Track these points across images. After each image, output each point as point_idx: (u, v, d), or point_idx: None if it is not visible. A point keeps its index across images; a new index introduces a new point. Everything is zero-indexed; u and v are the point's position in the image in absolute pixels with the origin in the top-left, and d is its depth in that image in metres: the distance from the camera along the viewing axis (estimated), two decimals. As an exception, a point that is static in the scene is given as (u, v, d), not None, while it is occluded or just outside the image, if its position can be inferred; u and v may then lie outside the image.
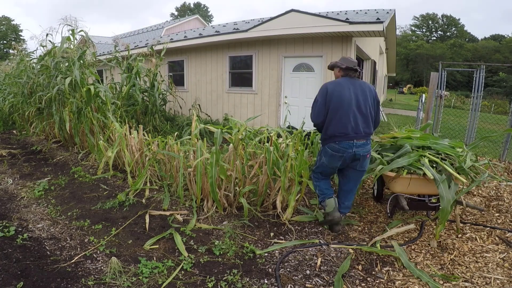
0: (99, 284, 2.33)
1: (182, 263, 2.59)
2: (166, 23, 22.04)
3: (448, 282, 2.40)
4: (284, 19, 7.33)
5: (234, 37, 8.08)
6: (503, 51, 46.41)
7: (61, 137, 6.38)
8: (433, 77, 5.45)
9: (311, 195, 4.11)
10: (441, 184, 2.76)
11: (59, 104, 5.85)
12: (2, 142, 7.16)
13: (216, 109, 9.26)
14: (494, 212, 3.66)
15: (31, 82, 6.57)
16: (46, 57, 6.09)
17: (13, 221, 3.28)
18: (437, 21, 57.48)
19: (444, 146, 3.15)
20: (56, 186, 4.34)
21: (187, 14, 52.49)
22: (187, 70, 9.89)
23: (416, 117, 6.25)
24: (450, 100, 23.58)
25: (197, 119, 4.00)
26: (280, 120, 7.92)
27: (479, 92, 6.03)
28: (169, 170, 4.35)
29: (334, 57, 6.95)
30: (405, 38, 54.69)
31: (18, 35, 47.81)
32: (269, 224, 3.33)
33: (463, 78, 43.96)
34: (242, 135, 3.57)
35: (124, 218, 3.41)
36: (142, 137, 4.62)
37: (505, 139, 5.50)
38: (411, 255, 2.80)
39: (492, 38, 54.04)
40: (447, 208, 2.68)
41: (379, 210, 3.67)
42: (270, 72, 7.95)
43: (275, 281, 2.42)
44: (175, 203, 3.79)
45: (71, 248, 2.81)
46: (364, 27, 6.28)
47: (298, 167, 3.26)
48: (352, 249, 2.88)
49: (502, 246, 2.92)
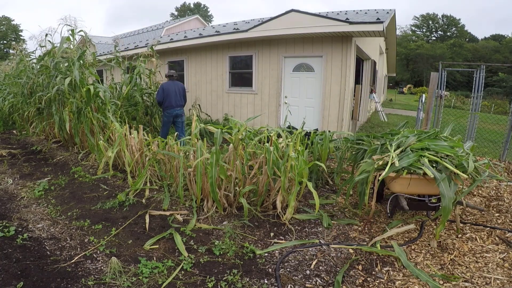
0: (99, 284, 2.33)
1: (182, 263, 2.60)
2: (166, 23, 22.04)
3: (448, 282, 2.40)
4: (284, 19, 7.33)
5: (234, 37, 8.08)
6: (503, 51, 46.40)
7: (61, 137, 6.38)
8: (433, 77, 5.44)
9: (311, 195, 4.11)
10: (442, 183, 2.76)
11: (59, 104, 5.85)
12: (2, 142, 7.16)
13: (216, 109, 9.26)
14: (494, 212, 3.66)
15: (31, 82, 6.57)
16: (46, 57, 6.09)
17: (13, 221, 3.28)
18: (437, 21, 57.45)
19: (443, 147, 3.15)
20: (56, 186, 4.34)
21: (187, 14, 52.51)
22: (187, 70, 9.89)
23: (416, 117, 6.25)
24: (450, 100, 23.59)
25: (197, 119, 4.00)
26: (280, 120, 7.92)
27: (479, 92, 6.03)
28: (169, 170, 4.35)
29: (334, 57, 6.96)
30: (405, 38, 54.66)
31: (18, 35, 47.80)
32: (269, 224, 3.33)
33: (463, 78, 43.94)
34: (242, 135, 3.57)
35: (124, 218, 3.41)
36: (142, 137, 4.63)
37: (505, 139, 5.50)
38: (411, 255, 2.80)
39: (492, 38, 54.02)
40: (448, 206, 2.67)
41: (379, 210, 3.67)
42: (270, 72, 7.95)
43: (275, 281, 2.42)
44: (175, 203, 3.79)
45: (71, 248, 2.81)
46: (364, 27, 6.27)
47: (298, 167, 3.26)
48: (352, 249, 2.88)
49: (502, 246, 2.92)
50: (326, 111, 7.20)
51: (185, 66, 9.91)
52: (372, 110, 14.01)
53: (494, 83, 37.73)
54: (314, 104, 7.43)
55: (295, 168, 3.28)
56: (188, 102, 9.87)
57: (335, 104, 7.07)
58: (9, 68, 9.46)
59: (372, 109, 13.84)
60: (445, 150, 3.09)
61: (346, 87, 6.88)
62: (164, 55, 9.92)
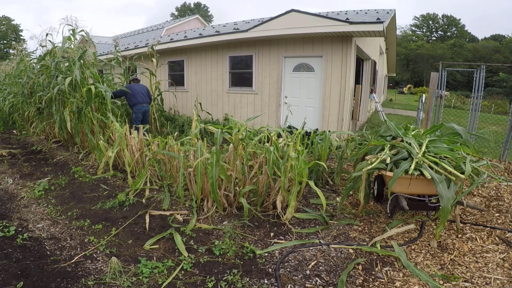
0: (99, 284, 2.33)
1: (182, 263, 2.60)
2: (166, 23, 22.05)
3: (448, 282, 2.40)
4: (284, 19, 7.33)
5: (234, 37, 8.08)
6: (503, 51, 46.37)
7: (61, 137, 6.38)
8: (433, 77, 5.44)
9: (311, 195, 4.11)
10: (440, 184, 2.76)
11: (59, 104, 5.85)
12: (2, 142, 7.16)
13: (216, 109, 9.26)
14: (494, 212, 3.66)
15: (31, 82, 6.57)
16: (46, 57, 6.09)
17: (13, 221, 3.28)
18: (437, 21, 57.42)
19: (442, 149, 3.16)
20: (56, 186, 4.34)
21: (187, 14, 52.50)
22: (187, 70, 9.89)
23: (416, 117, 6.25)
24: (450, 100, 23.57)
25: (197, 119, 4.00)
26: (280, 120, 7.92)
27: (479, 92, 6.03)
28: (169, 170, 4.36)
29: (334, 57, 6.96)
30: (405, 38, 54.64)
31: (18, 35, 47.79)
32: (269, 224, 3.33)
33: (463, 78, 43.92)
34: (242, 135, 3.57)
35: (124, 218, 3.41)
36: (142, 137, 4.63)
37: (505, 139, 5.50)
38: (411, 255, 2.80)
39: (493, 38, 53.99)
40: (447, 207, 2.67)
41: (379, 210, 3.67)
42: (270, 72, 7.95)
43: (275, 281, 2.42)
44: (175, 203, 3.79)
45: (71, 248, 2.82)
46: (364, 27, 6.27)
47: (298, 167, 3.26)
48: (352, 249, 2.88)
49: (502, 246, 2.92)
50: (326, 111, 7.19)
51: (185, 66, 9.91)
52: (372, 110, 14.00)
53: (494, 83, 37.72)
54: (314, 104, 7.43)
55: (295, 168, 3.28)
56: (188, 102, 9.90)
57: (335, 104, 7.07)
58: (9, 68, 9.46)
59: (372, 109, 13.83)
60: (443, 153, 3.10)
61: (346, 87, 6.88)
62: (164, 55, 9.93)
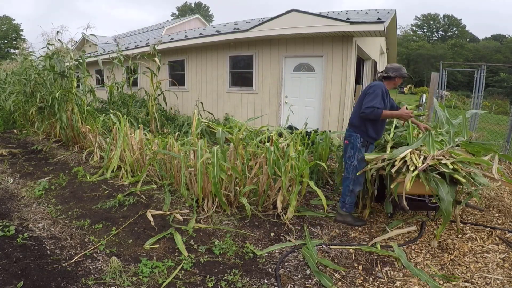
0: (99, 283, 2.33)
1: (182, 263, 2.60)
2: (167, 22, 22.07)
3: (448, 282, 2.40)
4: (284, 19, 7.32)
5: (234, 37, 8.08)
6: (504, 51, 46.28)
7: (62, 136, 6.38)
8: (434, 77, 5.44)
9: (311, 195, 4.11)
10: (440, 186, 2.75)
11: (63, 103, 5.85)
12: (3, 142, 7.17)
13: (217, 109, 9.26)
14: (494, 212, 3.66)
15: (33, 81, 6.58)
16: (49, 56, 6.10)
17: (14, 221, 3.28)
18: (438, 21, 57.34)
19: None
20: (56, 186, 4.35)
21: (188, 14, 52.48)
22: (187, 70, 9.89)
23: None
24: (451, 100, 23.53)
25: (198, 119, 4.00)
26: (281, 120, 7.91)
27: (480, 92, 6.03)
28: (169, 169, 4.36)
29: (334, 57, 6.95)
30: (406, 38, 54.57)
31: (18, 34, 47.79)
32: (270, 224, 3.33)
33: (464, 78, 43.84)
34: (243, 135, 3.57)
35: (125, 218, 3.41)
36: (143, 137, 4.63)
37: (505, 139, 5.50)
38: (412, 255, 2.80)
39: (493, 38, 53.93)
40: (448, 209, 2.67)
41: (379, 210, 3.67)
42: (270, 72, 7.95)
43: (275, 281, 2.42)
44: (175, 203, 3.80)
45: (71, 247, 2.82)
46: (365, 27, 6.27)
47: (299, 167, 3.25)
48: (352, 249, 2.88)
49: (502, 246, 2.92)
50: (326, 111, 7.19)
51: (185, 65, 9.91)
52: (373, 110, 13.98)
53: (495, 83, 37.65)
54: (315, 104, 7.43)
55: (295, 168, 3.28)
56: (188, 102, 9.89)
57: (335, 104, 7.07)
58: (12, 66, 9.45)
59: (372, 109, 13.81)
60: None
61: (346, 87, 6.87)
62: (164, 54, 9.92)
